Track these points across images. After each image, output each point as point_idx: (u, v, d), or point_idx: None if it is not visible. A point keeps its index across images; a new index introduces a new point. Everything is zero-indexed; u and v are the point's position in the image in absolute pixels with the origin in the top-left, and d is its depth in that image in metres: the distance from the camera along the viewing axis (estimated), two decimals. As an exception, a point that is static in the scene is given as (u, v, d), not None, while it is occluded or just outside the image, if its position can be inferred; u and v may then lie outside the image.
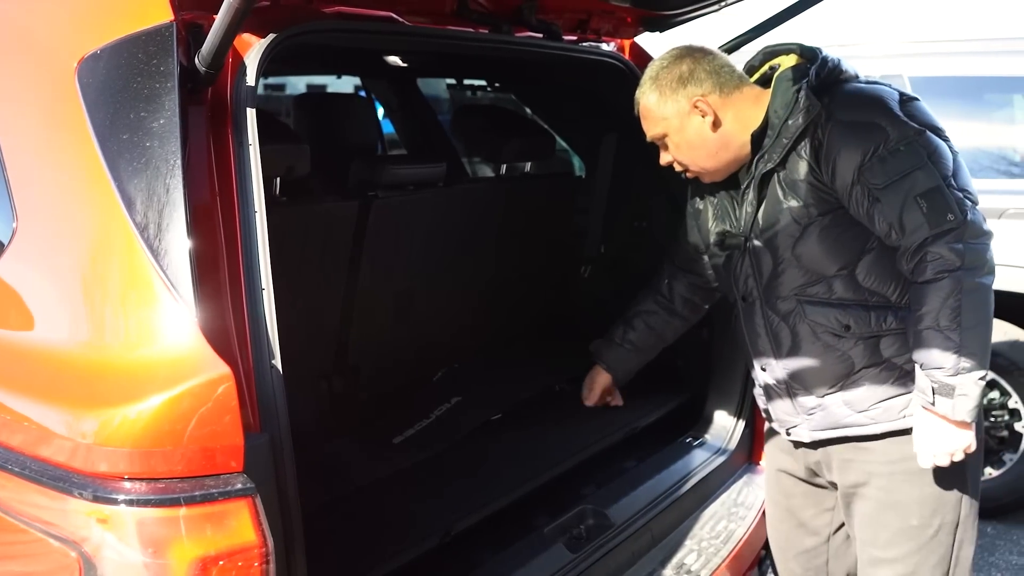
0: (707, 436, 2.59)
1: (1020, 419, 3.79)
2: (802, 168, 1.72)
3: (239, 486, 1.16)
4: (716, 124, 1.77)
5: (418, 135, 3.54)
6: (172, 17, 1.38)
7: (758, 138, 1.76)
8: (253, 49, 1.48)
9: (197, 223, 1.33)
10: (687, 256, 2.13)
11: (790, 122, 1.71)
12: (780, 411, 1.94)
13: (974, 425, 1.67)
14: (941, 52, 4.27)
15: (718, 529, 2.28)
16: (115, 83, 1.36)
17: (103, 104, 1.35)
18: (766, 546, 2.30)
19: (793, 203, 1.74)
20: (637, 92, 1.85)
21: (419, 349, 2.53)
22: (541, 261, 2.80)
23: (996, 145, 4.05)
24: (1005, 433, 3.83)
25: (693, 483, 2.37)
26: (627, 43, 2.59)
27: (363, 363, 2.37)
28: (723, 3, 2.42)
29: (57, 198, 1.39)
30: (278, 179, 1.94)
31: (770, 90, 1.78)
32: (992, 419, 3.86)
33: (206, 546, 1.14)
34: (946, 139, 1.70)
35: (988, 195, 3.77)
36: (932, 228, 1.60)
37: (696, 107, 1.77)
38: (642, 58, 2.49)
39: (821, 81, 1.73)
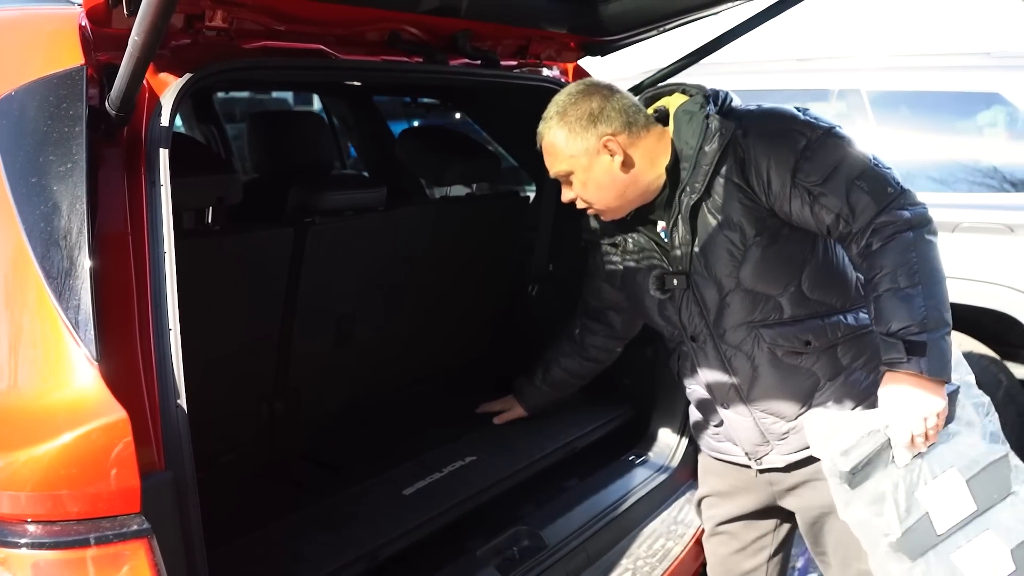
0: (650, 454, 2.62)
1: (974, 429, 3.84)
2: (730, 191, 1.74)
3: (135, 527, 1.19)
4: (625, 163, 1.76)
5: (375, 154, 3.57)
6: (83, 61, 1.41)
7: (673, 172, 1.78)
8: (169, 89, 1.50)
9: (107, 265, 1.36)
10: (599, 309, 2.20)
11: (706, 148, 1.73)
12: (747, 443, 1.92)
13: (946, 393, 1.60)
14: (898, 67, 4.32)
15: (655, 548, 2.31)
16: (27, 126, 1.38)
17: (14, 146, 1.37)
18: (704, 565, 2.33)
19: (728, 229, 1.75)
20: (541, 127, 1.81)
21: (363, 372, 2.56)
22: (488, 281, 2.82)
23: (950, 159, 4.10)
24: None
25: (632, 501, 2.39)
26: (570, 67, 2.63)
27: (304, 386, 2.39)
28: (662, 28, 2.46)
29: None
30: (210, 209, 1.97)
31: (670, 127, 1.81)
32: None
33: (101, 587, 1.17)
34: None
35: (942, 209, 3.88)
36: (878, 203, 1.65)
37: (606, 147, 1.75)
38: (585, 81, 2.53)
39: (721, 109, 1.79)
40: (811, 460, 1.86)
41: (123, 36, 1.28)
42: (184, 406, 1.33)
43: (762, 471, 1.95)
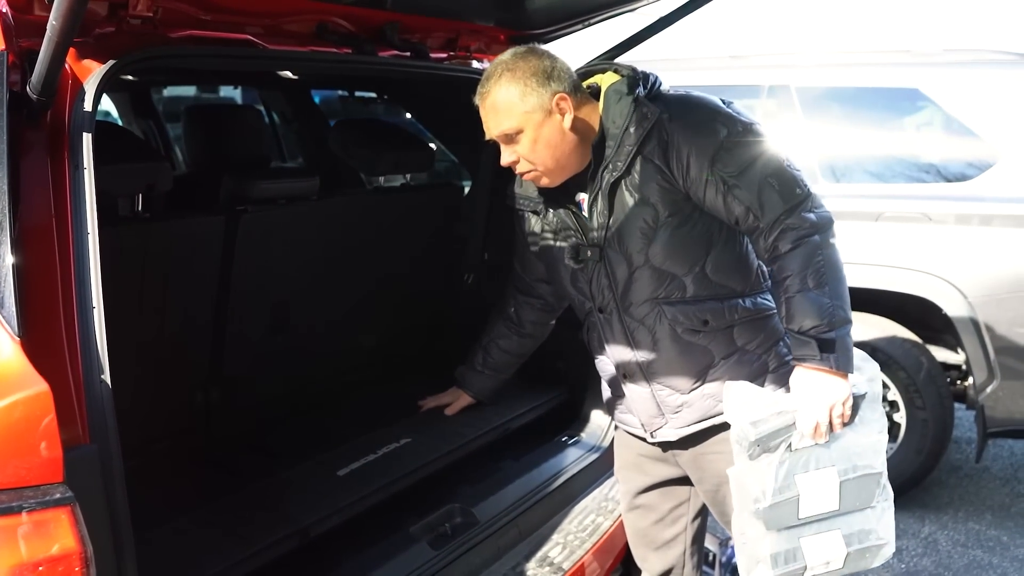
0: (583, 434, 2.71)
1: (898, 410, 4.01)
2: (649, 171, 1.81)
3: (57, 496, 1.22)
4: (573, 126, 1.79)
5: (313, 147, 3.60)
6: (3, 46, 1.44)
7: (598, 149, 1.84)
8: (92, 76, 1.54)
9: (31, 245, 1.39)
10: (529, 282, 2.24)
11: (631, 130, 1.79)
12: (644, 414, 2.00)
13: (853, 396, 1.75)
14: (825, 64, 4.49)
15: (586, 523, 2.39)
16: (-52, 110, 1.40)
17: (-64, 131, 1.39)
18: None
19: (643, 207, 1.82)
20: (487, 85, 1.79)
21: (299, 360, 2.59)
22: (424, 270, 2.88)
23: (874, 152, 4.27)
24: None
25: (564, 479, 2.47)
26: (500, 59, 2.70)
27: (239, 374, 2.42)
28: (588, 21, 2.55)
29: None
30: (140, 196, 1.99)
31: (600, 104, 1.86)
32: (873, 411, 4.07)
33: (25, 554, 1.20)
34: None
35: (865, 199, 4.05)
36: (786, 202, 1.74)
37: (558, 105, 1.77)
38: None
39: (650, 92, 1.85)
40: (704, 436, 1.96)
41: (45, 23, 1.31)
42: (108, 381, 1.37)
43: (655, 444, 2.04)
